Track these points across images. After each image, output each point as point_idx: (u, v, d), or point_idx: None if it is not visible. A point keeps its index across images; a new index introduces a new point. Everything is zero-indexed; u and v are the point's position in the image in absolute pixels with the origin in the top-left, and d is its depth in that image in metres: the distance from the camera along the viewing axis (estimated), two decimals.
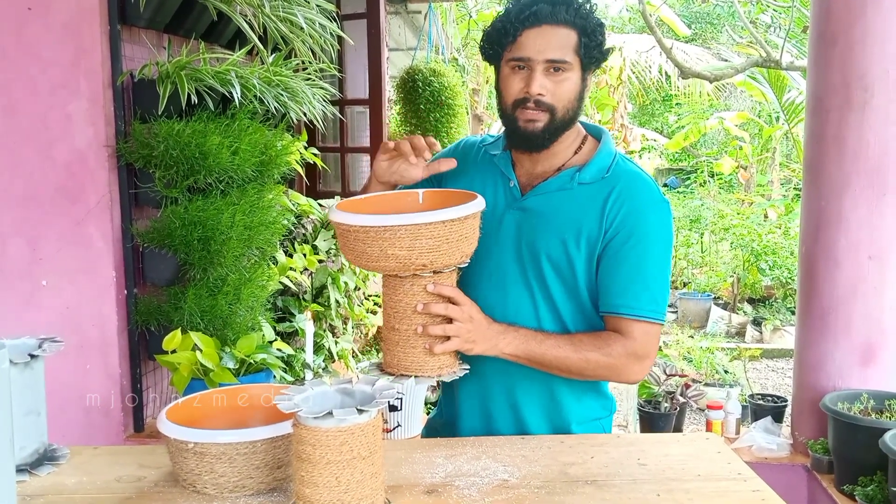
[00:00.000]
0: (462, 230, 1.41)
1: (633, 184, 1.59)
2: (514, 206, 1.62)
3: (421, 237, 1.37)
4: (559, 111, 1.54)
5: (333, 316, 3.90)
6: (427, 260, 1.39)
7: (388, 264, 1.40)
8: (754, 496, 1.29)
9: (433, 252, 1.39)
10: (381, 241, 1.37)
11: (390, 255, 1.38)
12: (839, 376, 2.75)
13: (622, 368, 1.55)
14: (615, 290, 1.56)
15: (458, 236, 1.41)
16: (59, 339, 1.43)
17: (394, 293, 1.47)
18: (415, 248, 1.37)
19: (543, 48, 1.52)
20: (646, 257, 1.56)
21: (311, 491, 1.13)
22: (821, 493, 2.70)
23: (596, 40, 1.55)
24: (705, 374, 4.59)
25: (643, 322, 1.54)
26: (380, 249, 1.38)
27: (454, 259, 1.43)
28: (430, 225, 1.37)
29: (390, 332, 1.49)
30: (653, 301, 1.55)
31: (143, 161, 2.52)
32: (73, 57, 2.49)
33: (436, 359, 1.47)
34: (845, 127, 2.69)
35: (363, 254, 1.41)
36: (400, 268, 1.41)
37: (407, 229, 1.36)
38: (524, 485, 1.32)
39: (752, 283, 7.23)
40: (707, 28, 14.69)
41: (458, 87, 5.73)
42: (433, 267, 1.42)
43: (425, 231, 1.37)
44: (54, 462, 1.42)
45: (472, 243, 1.47)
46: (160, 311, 2.62)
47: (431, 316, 1.46)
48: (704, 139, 12.80)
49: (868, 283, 2.70)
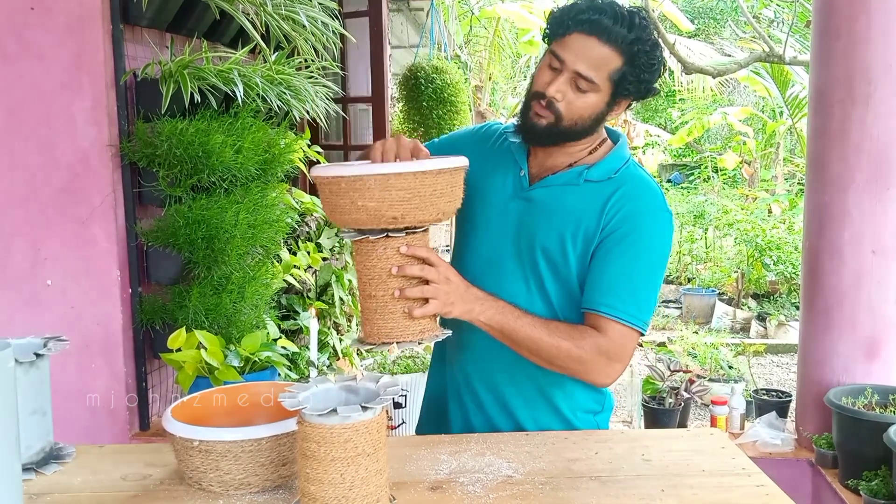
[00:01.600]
0: (436, 184, 1.38)
1: (639, 187, 1.58)
2: (520, 195, 1.62)
3: (391, 188, 1.35)
4: (566, 121, 1.53)
5: (338, 313, 3.90)
6: (398, 213, 1.37)
7: (358, 216, 1.38)
8: (758, 491, 1.29)
9: (404, 204, 1.36)
10: (352, 192, 1.36)
11: (360, 206, 1.36)
12: (843, 371, 2.74)
13: (591, 364, 1.52)
14: (600, 287, 1.53)
15: (431, 191, 1.38)
16: (65, 339, 1.44)
17: (367, 259, 1.44)
18: (384, 200, 1.35)
19: (579, 57, 1.50)
20: (637, 261, 1.54)
21: (316, 488, 1.14)
22: (825, 488, 2.70)
23: (638, 75, 1.52)
24: (710, 369, 4.59)
25: (622, 325, 1.51)
26: (350, 201, 1.37)
27: (428, 215, 1.40)
28: (400, 176, 1.35)
29: (367, 300, 1.46)
30: (636, 306, 1.52)
31: (146, 160, 2.53)
32: (76, 57, 2.49)
33: (416, 323, 1.44)
34: (849, 121, 2.68)
35: (336, 206, 1.40)
36: (370, 220, 1.38)
37: (376, 179, 1.35)
38: (528, 481, 1.32)
39: (757, 279, 7.21)
40: (710, 23, 14.66)
41: (460, 84, 5.73)
42: (405, 221, 1.39)
43: (395, 182, 1.35)
44: (60, 461, 1.42)
45: (450, 201, 1.43)
46: (165, 309, 2.62)
47: (407, 279, 1.43)
48: (708, 135, 12.78)
49: (872, 278, 2.69)
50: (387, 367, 3.91)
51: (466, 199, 1.58)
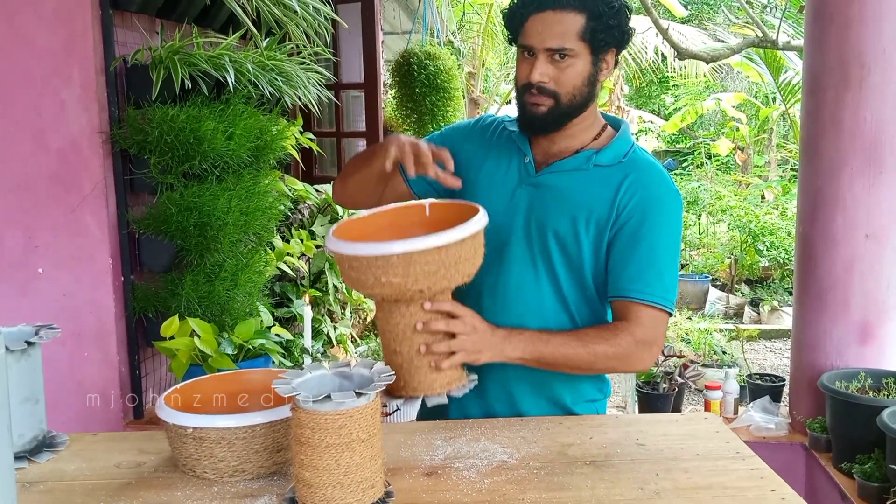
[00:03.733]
0: (460, 252, 1.33)
1: (649, 172, 1.58)
2: (527, 181, 1.61)
3: (415, 264, 1.29)
4: (564, 97, 1.53)
5: (332, 301, 3.90)
6: (424, 286, 1.32)
7: (384, 291, 1.33)
8: (752, 474, 1.30)
9: (429, 277, 1.31)
10: (374, 269, 1.30)
11: (384, 282, 1.31)
12: (837, 355, 2.75)
13: (631, 357, 1.53)
14: (627, 275, 1.54)
15: (456, 259, 1.32)
16: (56, 327, 1.43)
17: (390, 317, 1.40)
18: (409, 275, 1.29)
19: (544, 36, 1.50)
20: (658, 245, 1.55)
21: (311, 474, 1.13)
22: (819, 472, 2.71)
23: (606, 23, 1.51)
24: (703, 355, 4.60)
25: (653, 308, 1.53)
26: (374, 277, 1.31)
27: (454, 281, 1.35)
28: (424, 252, 1.28)
29: (392, 355, 1.42)
30: (664, 289, 1.54)
31: (137, 147, 2.51)
32: (66, 43, 2.47)
33: (443, 374, 1.41)
34: (842, 106, 2.68)
35: (358, 281, 1.35)
36: (396, 294, 1.34)
37: (400, 258, 1.28)
38: (523, 466, 1.32)
39: (750, 264, 7.23)
40: (703, 9, 14.62)
41: (453, 70, 5.70)
42: (431, 293, 1.35)
43: (419, 258, 1.29)
44: (53, 449, 1.42)
45: (474, 262, 1.39)
46: (157, 297, 2.61)
47: (432, 333, 1.39)
48: (701, 121, 12.78)
49: (865, 262, 2.70)
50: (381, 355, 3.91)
51: (469, 192, 1.57)
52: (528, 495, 1.21)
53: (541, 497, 1.21)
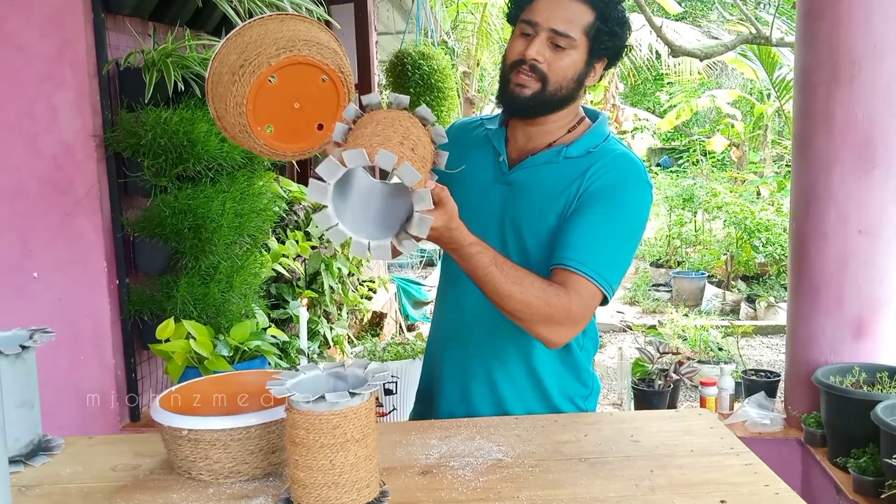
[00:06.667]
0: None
1: (618, 159, 1.57)
2: (500, 180, 1.61)
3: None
4: (551, 83, 1.52)
5: (328, 302, 3.90)
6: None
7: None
8: (747, 470, 1.30)
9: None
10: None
11: None
12: (831, 350, 2.76)
13: (554, 326, 1.43)
14: (572, 244, 1.48)
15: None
16: (50, 330, 1.43)
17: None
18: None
19: (553, 16, 1.50)
20: (612, 224, 1.50)
21: (306, 475, 1.14)
22: (814, 466, 2.72)
23: (611, 29, 1.52)
24: (699, 351, 4.60)
25: (589, 282, 1.45)
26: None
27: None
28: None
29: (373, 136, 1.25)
30: (607, 267, 1.47)
31: (131, 150, 2.51)
32: (58, 47, 2.47)
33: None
34: (833, 102, 2.69)
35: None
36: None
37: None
38: (518, 464, 1.33)
39: (746, 261, 7.24)
40: (697, 6, 14.65)
41: (447, 70, 5.69)
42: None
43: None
44: (49, 452, 1.42)
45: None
46: (153, 300, 2.61)
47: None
48: (696, 118, 12.81)
49: (858, 258, 2.71)
50: (377, 355, 3.91)
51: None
52: (523, 493, 1.22)
53: (536, 495, 1.21)
